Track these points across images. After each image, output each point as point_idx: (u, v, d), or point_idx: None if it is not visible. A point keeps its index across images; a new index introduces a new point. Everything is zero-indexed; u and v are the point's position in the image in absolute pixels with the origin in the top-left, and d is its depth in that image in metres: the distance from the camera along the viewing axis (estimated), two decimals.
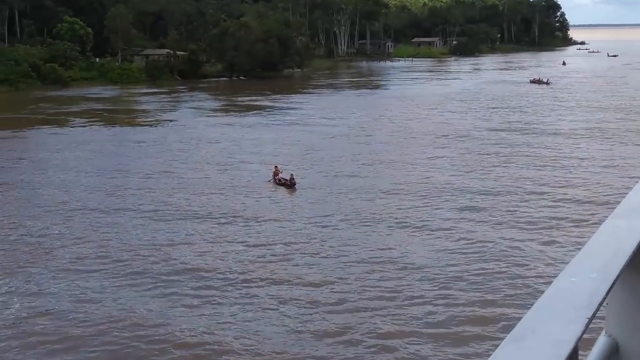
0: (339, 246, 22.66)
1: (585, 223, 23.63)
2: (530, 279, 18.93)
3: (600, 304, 1.43)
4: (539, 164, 34.66)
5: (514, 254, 21.16)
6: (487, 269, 19.95)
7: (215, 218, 26.39)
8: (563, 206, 26.65)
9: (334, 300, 18.06)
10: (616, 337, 1.79)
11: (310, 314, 17.18)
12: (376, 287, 18.99)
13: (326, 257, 21.58)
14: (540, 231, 23.38)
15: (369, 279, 19.62)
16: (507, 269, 19.83)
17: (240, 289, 18.94)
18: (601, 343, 1.77)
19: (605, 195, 27.60)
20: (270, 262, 21.17)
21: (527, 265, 20.12)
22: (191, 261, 21.27)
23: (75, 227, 25.27)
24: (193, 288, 19.07)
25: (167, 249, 22.44)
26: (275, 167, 34.05)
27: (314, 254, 21.85)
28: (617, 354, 1.77)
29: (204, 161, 37.99)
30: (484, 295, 18.05)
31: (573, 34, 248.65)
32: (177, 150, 41.54)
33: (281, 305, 17.68)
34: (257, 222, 25.68)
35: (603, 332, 1.81)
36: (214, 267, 20.61)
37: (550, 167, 34.03)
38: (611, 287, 1.52)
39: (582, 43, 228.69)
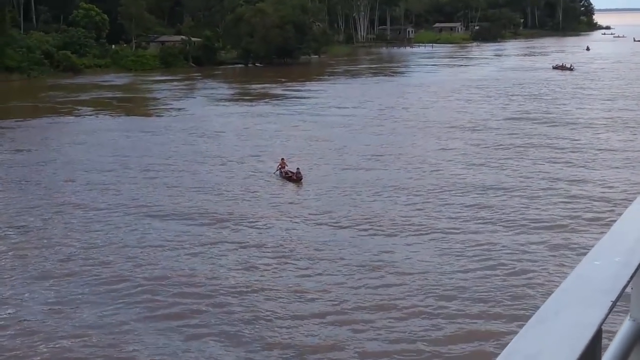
0: (339, 249, 21.14)
1: (600, 223, 21.89)
2: (539, 287, 17.28)
3: (625, 288, 1.43)
4: (555, 157, 32.79)
5: (525, 258, 19.53)
6: (494, 276, 18.36)
7: (211, 214, 24.99)
8: (579, 203, 24.89)
9: (325, 311, 16.60)
10: None
11: (297, 327, 15.74)
12: (374, 296, 17.50)
13: (323, 261, 20.09)
14: (553, 233, 21.69)
15: (366, 287, 18.13)
16: (517, 278, 18.21)
17: (224, 296, 17.52)
18: (626, 327, 1.72)
19: (622, 192, 25.72)
20: (261, 266, 19.71)
21: (537, 272, 18.47)
22: (176, 265, 19.87)
23: (62, 226, 24.01)
24: (174, 295, 17.69)
25: (153, 251, 21.08)
26: (282, 159, 32.64)
27: (310, 258, 20.36)
28: None
29: (208, 153, 36.65)
30: (490, 308, 16.49)
31: (598, 18, 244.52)
32: (181, 140, 40.22)
33: (265, 316, 16.24)
34: (255, 220, 24.21)
35: (628, 316, 1.76)
36: (199, 272, 19.20)
37: (567, 160, 32.15)
38: (635, 271, 1.52)
39: (607, 28, 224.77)
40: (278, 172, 31.86)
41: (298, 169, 31.00)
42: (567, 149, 34.97)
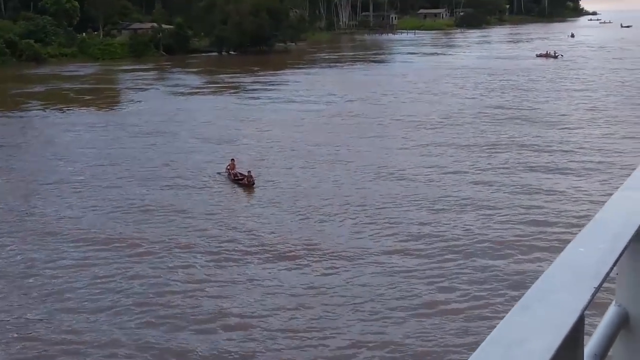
0: (264, 284, 18.09)
1: (554, 244, 18.95)
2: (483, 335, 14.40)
3: (608, 274, 1.44)
4: (523, 161, 29.51)
5: (472, 295, 16.68)
6: (432, 323, 15.50)
7: (126, 234, 21.95)
8: (538, 218, 21.93)
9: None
10: (626, 306, 1.80)
11: None
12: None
13: (239, 301, 17.16)
14: (507, 257, 18.84)
15: (284, 338, 15.25)
16: (458, 325, 15.36)
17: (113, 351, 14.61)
18: (611, 312, 1.78)
19: (587, 203, 22.61)
20: (159, 312, 16.66)
21: (483, 317, 15.60)
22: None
23: None
24: (56, 332, 14.74)
25: (34, 285, 17.99)
26: (232, 160, 29.67)
27: (225, 298, 17.34)
28: (627, 323, 1.79)
29: (152, 152, 33.59)
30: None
31: (584, 4, 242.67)
32: (127, 138, 37.16)
33: None
34: (178, 243, 21.10)
35: (613, 302, 1.82)
36: (74, 317, 16.13)
37: (535, 164, 28.76)
38: (619, 257, 1.54)
39: (594, 13, 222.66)
40: (226, 173, 28.97)
41: (250, 172, 28.01)
42: (537, 148, 31.96)
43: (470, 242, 19.88)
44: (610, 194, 1.86)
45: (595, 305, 1.35)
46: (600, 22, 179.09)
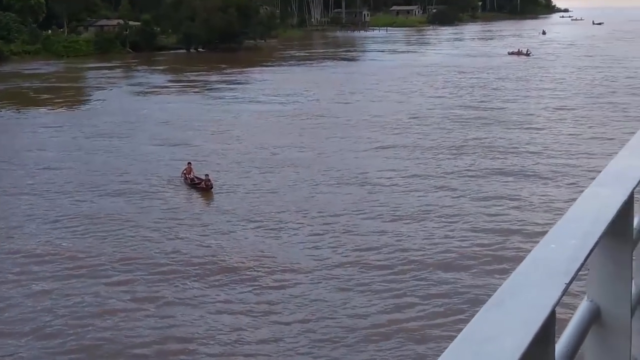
0: (222, 295, 17.05)
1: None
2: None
3: (579, 270, 1.46)
4: (487, 165, 28.48)
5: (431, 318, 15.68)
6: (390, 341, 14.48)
7: (75, 243, 20.70)
8: (495, 227, 21.03)
9: None
10: (597, 301, 1.85)
11: None
12: None
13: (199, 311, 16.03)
14: (474, 265, 17.88)
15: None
16: (425, 339, 14.34)
17: None
18: (583, 307, 1.81)
19: (549, 211, 21.63)
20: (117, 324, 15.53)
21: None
22: (3, 311, 15.65)
23: None
24: None
25: None
26: (188, 163, 28.45)
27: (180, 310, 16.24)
28: (598, 318, 1.83)
29: (105, 154, 32.28)
30: None
31: (557, 0, 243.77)
32: (82, 137, 35.88)
33: None
34: (129, 253, 19.90)
35: (585, 297, 1.85)
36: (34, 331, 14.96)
37: (499, 168, 27.75)
38: (590, 253, 1.56)
39: (566, 10, 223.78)
40: (182, 178, 27.76)
41: (207, 175, 26.81)
42: (504, 150, 30.87)
43: (431, 253, 18.87)
44: (576, 199, 1.82)
45: (567, 300, 1.33)
46: (572, 19, 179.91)
